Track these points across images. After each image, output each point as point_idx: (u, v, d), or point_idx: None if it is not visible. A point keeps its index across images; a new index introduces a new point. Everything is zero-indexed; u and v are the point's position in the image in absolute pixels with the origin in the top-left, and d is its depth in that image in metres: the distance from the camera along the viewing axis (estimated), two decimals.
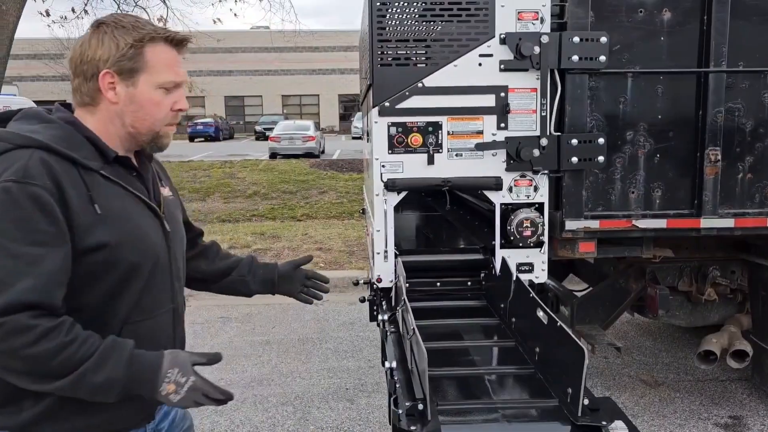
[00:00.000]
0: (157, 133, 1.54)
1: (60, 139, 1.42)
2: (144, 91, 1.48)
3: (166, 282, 1.57)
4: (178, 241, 1.65)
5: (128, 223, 1.47)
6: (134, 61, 1.46)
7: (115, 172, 1.49)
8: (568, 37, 2.84)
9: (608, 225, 3.04)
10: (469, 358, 2.39)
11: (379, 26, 2.86)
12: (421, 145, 2.94)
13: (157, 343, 1.50)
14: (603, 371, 4.31)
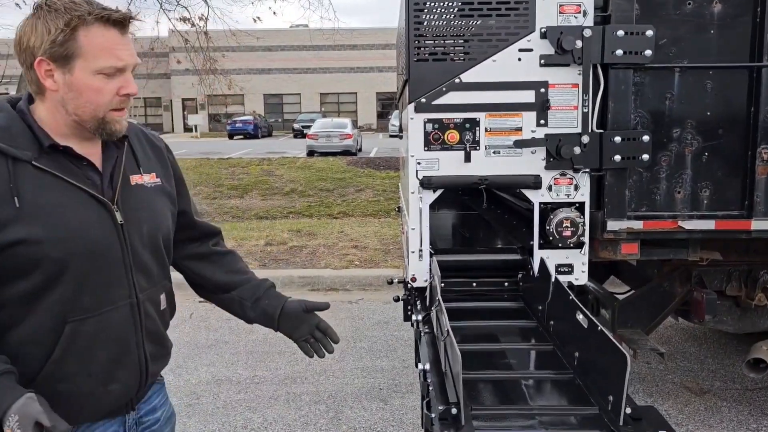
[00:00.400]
0: (103, 120, 1.43)
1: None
2: (81, 78, 1.38)
3: (118, 276, 1.47)
4: (141, 231, 1.52)
5: (56, 217, 1.37)
6: (67, 46, 1.35)
7: (53, 162, 1.40)
8: (612, 30, 2.74)
9: (652, 226, 2.93)
10: (505, 362, 2.32)
11: (416, 21, 2.81)
12: (458, 142, 2.87)
13: (111, 341, 1.46)
14: (645, 377, 4.17)
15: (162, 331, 1.64)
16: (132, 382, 1.54)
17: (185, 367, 4.46)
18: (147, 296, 1.55)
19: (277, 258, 7.31)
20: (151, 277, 1.57)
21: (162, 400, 1.72)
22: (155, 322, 1.59)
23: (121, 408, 1.57)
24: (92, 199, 1.44)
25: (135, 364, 1.52)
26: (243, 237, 8.22)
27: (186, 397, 3.97)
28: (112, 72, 1.40)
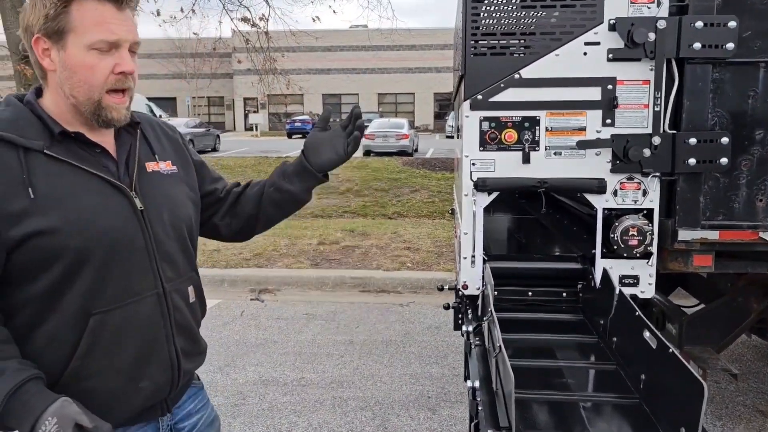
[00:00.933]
0: (98, 103, 1.36)
1: (5, 122, 1.34)
2: (74, 54, 1.33)
3: (141, 265, 1.41)
4: (162, 218, 1.46)
5: (73, 205, 1.32)
6: (59, 20, 1.31)
7: (66, 149, 1.36)
8: (690, 21, 2.51)
9: (730, 236, 2.67)
10: (562, 381, 2.14)
11: (474, 12, 2.65)
12: (516, 142, 2.70)
13: (139, 334, 1.40)
14: (714, 398, 3.88)
15: (193, 326, 1.56)
16: (163, 379, 1.47)
17: (233, 365, 4.44)
18: (174, 287, 1.48)
19: (329, 258, 7.26)
20: (176, 268, 1.50)
21: (199, 405, 1.65)
22: (185, 315, 1.52)
23: (155, 410, 1.50)
24: (109, 185, 1.38)
25: (166, 360, 1.46)
26: (297, 235, 8.21)
27: (233, 397, 3.94)
28: (105, 47, 1.34)
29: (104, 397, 1.38)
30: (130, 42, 1.39)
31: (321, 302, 6.01)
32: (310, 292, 6.36)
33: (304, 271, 6.63)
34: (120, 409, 1.41)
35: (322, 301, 6.04)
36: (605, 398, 2.01)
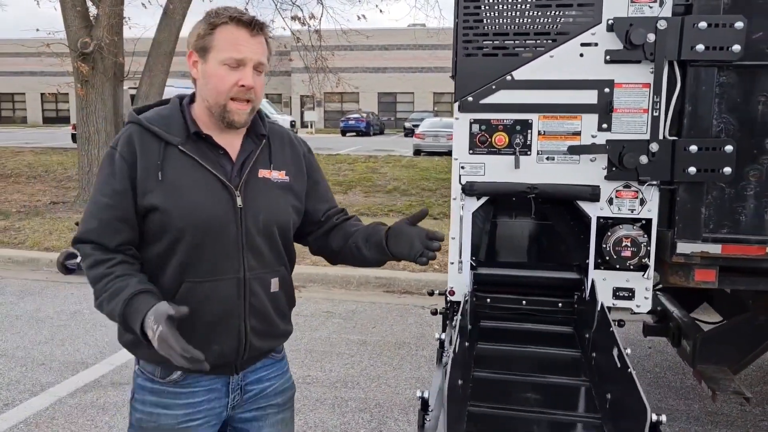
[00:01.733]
0: (224, 107, 1.65)
1: (159, 118, 1.69)
2: (211, 67, 1.64)
3: (230, 252, 1.68)
4: (257, 217, 1.71)
5: (185, 193, 1.63)
6: (206, 40, 1.64)
7: (196, 147, 1.67)
8: (693, 22, 2.36)
9: (733, 251, 2.51)
10: (528, 396, 2.05)
11: (467, 12, 2.58)
12: (507, 146, 2.61)
13: (218, 305, 1.68)
14: (735, 420, 3.65)
15: (269, 311, 1.77)
16: (230, 347, 1.72)
17: None
18: (255, 276, 1.72)
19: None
20: (262, 260, 1.74)
21: (272, 375, 1.86)
22: (262, 301, 1.74)
23: (225, 369, 1.75)
24: (219, 182, 1.67)
25: (234, 333, 1.71)
26: None
27: None
28: (233, 64, 1.63)
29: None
30: (255, 62, 1.65)
31: (343, 301, 6.01)
32: (334, 290, 6.37)
33: (330, 269, 6.64)
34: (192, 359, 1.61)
35: (345, 300, 6.04)
36: (565, 416, 1.91)
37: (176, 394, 1.71)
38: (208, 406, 1.74)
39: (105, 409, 3.71)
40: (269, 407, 1.85)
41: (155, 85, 10.88)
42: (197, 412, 1.73)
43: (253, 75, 1.65)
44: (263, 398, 1.84)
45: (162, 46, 10.75)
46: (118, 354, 4.58)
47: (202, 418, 1.73)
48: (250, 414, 1.82)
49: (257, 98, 1.69)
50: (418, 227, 1.77)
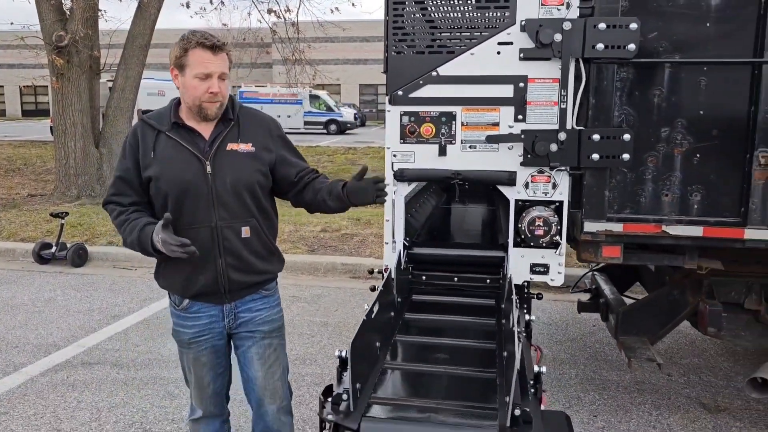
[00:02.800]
0: (199, 107, 2.27)
1: (155, 114, 2.36)
2: (188, 80, 2.25)
3: (202, 207, 2.28)
4: (224, 180, 2.30)
5: (168, 164, 2.28)
6: (182, 60, 2.24)
7: (178, 133, 2.31)
8: (594, 23, 2.63)
9: (634, 229, 2.79)
10: (439, 356, 2.32)
11: (395, 13, 2.82)
12: (434, 136, 2.87)
13: (198, 247, 2.21)
14: (660, 388, 3.96)
15: (241, 251, 2.35)
16: (211, 279, 2.34)
17: None
18: (226, 224, 2.32)
19: (326, 245, 7.51)
20: (232, 212, 2.32)
21: (260, 306, 2.46)
22: (234, 243, 2.34)
23: (216, 297, 2.38)
24: (193, 155, 2.29)
25: (212, 267, 2.33)
26: (302, 222, 8.48)
27: None
28: (203, 77, 2.23)
29: (178, 277, 2.36)
30: (218, 73, 2.25)
31: (310, 286, 6.26)
32: (302, 277, 6.62)
33: (299, 256, 6.89)
34: (185, 287, 2.37)
35: (312, 285, 6.29)
36: (468, 373, 2.18)
37: (186, 317, 2.42)
38: (210, 327, 2.42)
39: (74, 386, 3.94)
40: (257, 332, 2.46)
41: (131, 78, 11.00)
42: (203, 331, 2.42)
43: (218, 82, 2.25)
44: (252, 324, 2.45)
45: (137, 39, 10.87)
46: (89, 337, 4.80)
47: (207, 335, 2.42)
48: (244, 334, 2.46)
49: (223, 97, 2.30)
50: (366, 179, 2.35)
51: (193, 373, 2.50)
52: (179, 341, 2.48)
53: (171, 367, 4.23)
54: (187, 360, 2.50)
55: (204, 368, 2.48)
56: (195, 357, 2.46)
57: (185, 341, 2.45)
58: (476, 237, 4.07)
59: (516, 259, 2.86)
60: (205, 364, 2.47)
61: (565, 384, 4.03)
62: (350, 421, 1.79)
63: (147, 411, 3.62)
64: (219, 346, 2.47)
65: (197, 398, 2.56)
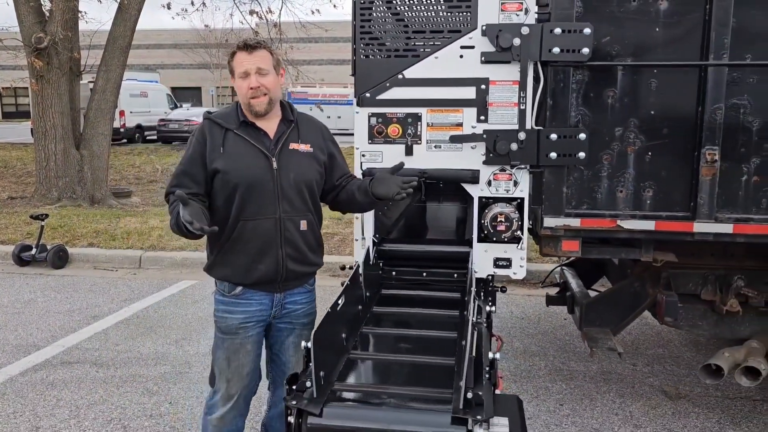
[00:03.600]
0: (248, 104, 2.47)
1: (220, 114, 2.56)
2: (235, 81, 2.49)
3: (268, 199, 2.47)
4: (288, 176, 2.50)
5: (238, 159, 2.46)
6: (230, 66, 2.52)
7: (245, 131, 2.50)
8: (550, 28, 2.76)
9: (591, 224, 2.93)
10: (406, 347, 2.44)
11: (363, 19, 2.94)
12: (400, 136, 2.99)
13: (262, 237, 2.47)
14: (625, 377, 4.11)
15: (299, 243, 2.55)
16: (272, 268, 2.50)
17: (188, 339, 4.82)
18: (288, 217, 2.51)
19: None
20: (293, 206, 2.52)
21: (303, 301, 2.67)
22: (293, 235, 2.53)
23: (271, 286, 2.55)
24: (260, 152, 2.49)
25: (274, 256, 2.50)
26: None
27: (179, 366, 4.31)
28: (242, 76, 2.44)
29: (238, 265, 2.50)
30: (255, 69, 2.43)
31: None
32: None
33: None
34: (245, 275, 2.51)
35: None
36: (429, 360, 2.30)
37: (237, 303, 2.54)
38: (258, 314, 2.56)
39: (54, 385, 4.01)
40: (297, 323, 2.66)
41: (112, 79, 11.00)
42: (251, 318, 2.55)
43: (257, 77, 2.43)
44: (294, 316, 2.64)
45: (118, 40, 10.87)
46: (68, 337, 4.87)
47: (254, 322, 2.56)
48: (283, 325, 2.64)
49: (270, 91, 2.46)
50: (396, 176, 2.56)
51: (233, 362, 2.57)
52: (225, 327, 2.56)
53: (150, 365, 4.32)
54: (228, 349, 2.56)
55: (248, 356, 2.58)
56: (241, 343, 2.55)
57: (233, 327, 2.54)
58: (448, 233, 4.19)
59: (480, 253, 2.98)
60: (249, 352, 2.58)
61: (535, 375, 4.17)
62: (313, 406, 1.90)
63: (126, 408, 3.71)
64: (262, 335, 2.63)
65: (230, 389, 2.60)
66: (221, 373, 2.60)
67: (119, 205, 10.88)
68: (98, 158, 10.96)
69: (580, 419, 3.58)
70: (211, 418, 2.64)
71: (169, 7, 13.91)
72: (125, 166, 15.77)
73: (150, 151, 19.17)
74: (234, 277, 2.52)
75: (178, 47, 42.37)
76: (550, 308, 5.19)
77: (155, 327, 5.09)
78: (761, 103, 2.75)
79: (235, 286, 2.53)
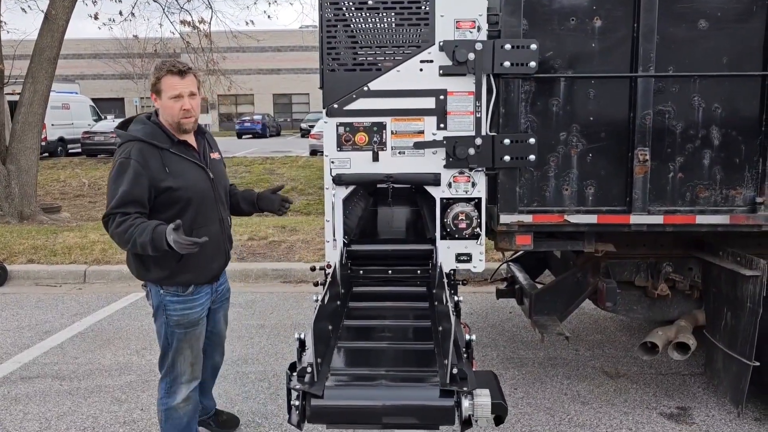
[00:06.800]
0: (178, 123, 2.78)
1: (149, 134, 2.75)
2: (165, 101, 2.77)
3: (213, 206, 2.90)
4: (220, 183, 2.99)
5: (185, 176, 2.77)
6: (157, 86, 2.77)
7: (178, 148, 2.80)
8: (500, 44, 3.06)
9: (541, 219, 3.25)
10: (383, 334, 2.67)
11: (329, 35, 3.15)
12: (367, 144, 3.21)
13: (213, 240, 2.82)
14: (569, 362, 4.48)
15: (232, 237, 3.14)
16: (221, 263, 3.02)
17: (150, 348, 4.84)
18: (224, 217, 3.01)
19: (255, 252, 7.69)
20: (225, 208, 3.05)
21: (224, 280, 3.21)
22: (227, 231, 3.05)
23: (214, 279, 3.01)
24: (198, 167, 2.87)
25: (222, 253, 3.02)
26: None
27: (144, 375, 4.35)
28: (175, 97, 2.74)
29: (199, 267, 2.86)
30: (188, 92, 2.77)
31: (242, 292, 6.43)
32: (234, 284, 6.74)
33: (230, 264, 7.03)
34: (203, 275, 2.91)
35: (244, 292, 6.47)
36: (410, 345, 2.54)
37: (193, 300, 2.89)
38: (206, 303, 2.99)
39: (17, 400, 3.97)
40: (223, 300, 3.22)
41: (39, 92, 10.66)
42: (204, 308, 2.97)
43: (189, 100, 2.76)
44: (221, 295, 3.17)
45: (45, 51, 10.56)
46: (23, 353, 4.79)
47: (204, 311, 2.98)
48: (215, 306, 3.14)
49: (196, 112, 2.82)
50: (277, 194, 3.29)
51: (195, 349, 2.97)
52: (187, 323, 2.90)
53: (114, 375, 4.33)
54: (188, 340, 2.93)
55: (200, 340, 3.02)
56: (199, 333, 2.98)
57: (195, 321, 2.93)
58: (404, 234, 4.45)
59: (443, 250, 3.24)
60: (200, 337, 3.01)
61: (488, 364, 4.47)
62: (316, 388, 2.09)
63: (97, 417, 3.74)
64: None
65: (195, 371, 3.00)
66: (185, 360, 2.95)
67: (50, 220, 10.54)
68: (26, 173, 10.59)
69: (534, 400, 3.90)
70: (175, 405, 2.97)
71: (97, 17, 13.62)
72: (49, 181, 15.23)
73: (75, 165, 18.55)
74: (196, 279, 2.87)
75: (99, 57, 40.99)
76: (496, 303, 5.55)
77: (112, 339, 5.07)
78: (682, 109, 3.15)
79: (188, 286, 2.86)
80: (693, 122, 3.16)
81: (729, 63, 3.10)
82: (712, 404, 3.81)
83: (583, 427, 3.55)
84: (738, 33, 3.08)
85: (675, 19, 3.08)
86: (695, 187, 3.21)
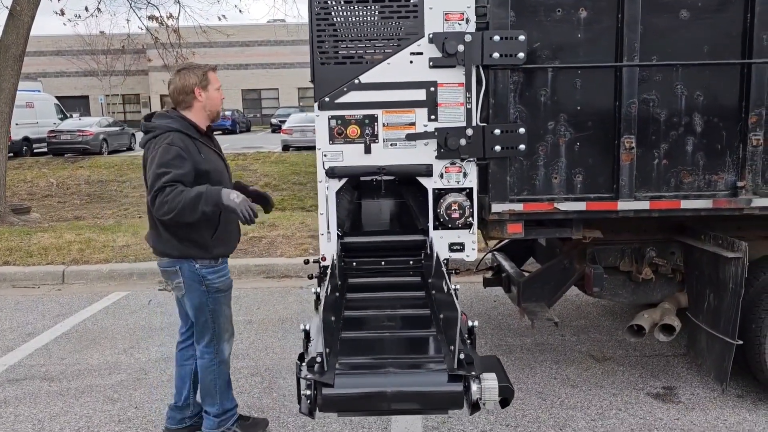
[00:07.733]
0: (218, 111, 3.26)
1: (184, 126, 3.11)
2: (212, 93, 3.19)
3: (229, 185, 3.22)
4: (229, 169, 3.38)
5: (213, 162, 3.18)
6: (204, 80, 3.15)
7: (204, 139, 3.18)
8: (489, 35, 3.11)
9: (532, 208, 3.32)
10: (384, 323, 2.70)
11: (319, 29, 3.16)
12: (359, 136, 3.24)
13: (233, 218, 3.11)
14: (557, 347, 4.58)
15: None
16: (238, 236, 3.45)
17: (137, 347, 4.80)
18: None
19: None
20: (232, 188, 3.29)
21: None
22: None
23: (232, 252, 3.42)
24: (219, 155, 3.30)
25: (239, 231, 3.43)
26: None
27: (135, 373, 4.32)
28: (218, 88, 3.23)
29: (229, 241, 3.32)
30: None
31: None
32: None
33: None
34: (230, 248, 3.36)
35: None
36: (413, 334, 2.58)
37: (223, 267, 3.28)
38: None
39: (7, 402, 3.91)
40: None
41: (5, 90, 10.41)
42: (229, 273, 3.35)
43: None
44: None
45: (11, 49, 10.31)
46: (7, 356, 4.71)
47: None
48: None
49: None
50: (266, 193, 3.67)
51: (229, 307, 3.39)
52: (225, 286, 3.30)
53: (104, 375, 4.29)
54: (226, 301, 3.34)
55: (231, 299, 3.42)
56: (231, 295, 3.39)
57: (230, 283, 3.35)
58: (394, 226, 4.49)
59: (436, 240, 3.29)
60: (231, 296, 3.40)
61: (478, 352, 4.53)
62: (327, 377, 2.12)
63: (91, 416, 3.70)
64: None
65: (232, 327, 3.45)
66: (226, 319, 3.35)
67: (20, 222, 10.32)
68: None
69: (525, 385, 3.98)
70: (224, 360, 3.37)
71: (63, 13, 13.32)
72: (16, 182, 14.86)
73: (41, 165, 18.14)
74: (226, 251, 3.31)
75: (61, 54, 40.05)
76: (481, 293, 5.63)
77: (98, 339, 5.02)
78: (666, 98, 3.24)
79: (218, 258, 3.24)
80: (676, 110, 3.25)
81: (710, 52, 3.19)
82: (696, 383, 3.93)
83: (574, 409, 3.65)
84: (718, 22, 3.17)
85: (658, 9, 3.16)
86: (679, 173, 3.30)
